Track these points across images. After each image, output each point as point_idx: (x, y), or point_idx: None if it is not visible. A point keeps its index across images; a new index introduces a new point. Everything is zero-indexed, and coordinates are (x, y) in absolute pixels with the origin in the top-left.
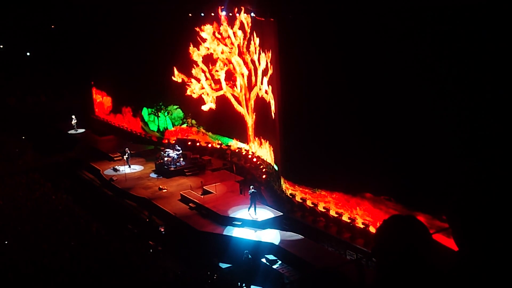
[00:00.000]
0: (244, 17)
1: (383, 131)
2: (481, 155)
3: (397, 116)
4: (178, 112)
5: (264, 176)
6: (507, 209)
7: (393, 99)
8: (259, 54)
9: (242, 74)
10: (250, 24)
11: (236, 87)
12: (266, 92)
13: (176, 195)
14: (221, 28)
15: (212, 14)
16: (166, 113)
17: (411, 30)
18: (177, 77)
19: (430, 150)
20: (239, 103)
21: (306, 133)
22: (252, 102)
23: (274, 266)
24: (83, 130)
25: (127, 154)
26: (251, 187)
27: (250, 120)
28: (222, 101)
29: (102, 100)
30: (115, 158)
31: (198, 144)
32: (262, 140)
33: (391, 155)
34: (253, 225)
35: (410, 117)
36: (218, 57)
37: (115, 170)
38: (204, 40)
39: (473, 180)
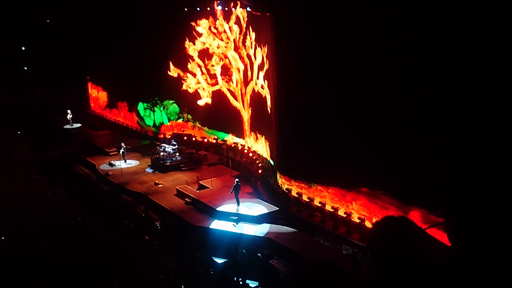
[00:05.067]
0: (240, 12)
1: (379, 126)
2: (478, 152)
3: (394, 111)
4: (174, 107)
5: (260, 171)
6: (502, 206)
7: (389, 94)
8: (255, 48)
9: (238, 69)
10: (246, 19)
11: (232, 82)
12: (262, 87)
13: (172, 190)
14: (217, 22)
15: (208, 8)
16: (162, 108)
17: (407, 25)
18: (173, 71)
19: (427, 146)
20: (235, 98)
21: (302, 128)
22: (248, 97)
23: (270, 261)
24: (78, 125)
25: (123, 148)
26: (236, 180)
27: (246, 115)
28: (218, 96)
29: (97, 94)
30: (110, 153)
31: (194, 139)
32: (258, 135)
33: (387, 150)
34: (250, 220)
35: (406, 112)
36: (214, 52)
37: (111, 165)
38: (200, 35)
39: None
